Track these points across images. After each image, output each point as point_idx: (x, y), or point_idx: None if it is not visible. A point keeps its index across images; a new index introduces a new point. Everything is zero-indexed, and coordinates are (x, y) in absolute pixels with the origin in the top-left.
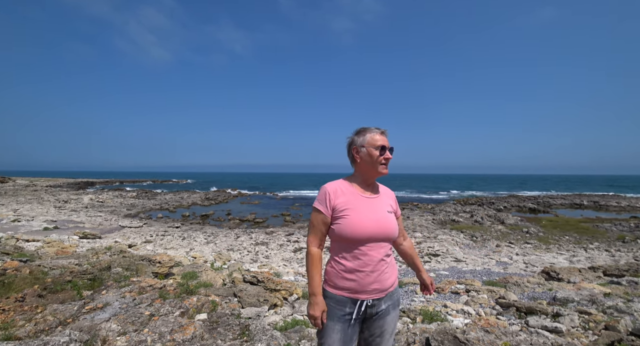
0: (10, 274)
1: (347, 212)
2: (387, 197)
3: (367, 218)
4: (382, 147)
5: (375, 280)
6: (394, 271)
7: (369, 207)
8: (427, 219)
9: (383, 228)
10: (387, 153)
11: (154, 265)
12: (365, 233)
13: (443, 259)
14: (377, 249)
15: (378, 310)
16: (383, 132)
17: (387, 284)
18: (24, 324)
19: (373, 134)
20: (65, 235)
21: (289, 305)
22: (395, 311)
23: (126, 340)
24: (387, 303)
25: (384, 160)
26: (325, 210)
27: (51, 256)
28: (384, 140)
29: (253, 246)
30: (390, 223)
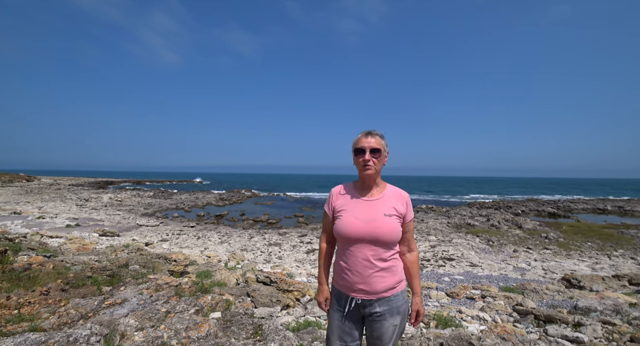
0: (35, 268)
1: (341, 213)
2: (392, 199)
3: (356, 219)
4: (356, 150)
5: (361, 281)
6: (390, 278)
7: (362, 209)
8: (442, 222)
9: (372, 230)
10: (363, 155)
11: (170, 263)
12: (352, 234)
13: (458, 263)
14: (365, 251)
15: (372, 311)
16: (368, 133)
17: (378, 288)
18: (48, 316)
19: (357, 138)
20: (86, 232)
21: (302, 306)
22: (394, 319)
23: (143, 335)
24: (383, 307)
25: (363, 163)
26: (328, 210)
27: (73, 252)
28: (364, 142)
29: (266, 246)
30: (384, 226)
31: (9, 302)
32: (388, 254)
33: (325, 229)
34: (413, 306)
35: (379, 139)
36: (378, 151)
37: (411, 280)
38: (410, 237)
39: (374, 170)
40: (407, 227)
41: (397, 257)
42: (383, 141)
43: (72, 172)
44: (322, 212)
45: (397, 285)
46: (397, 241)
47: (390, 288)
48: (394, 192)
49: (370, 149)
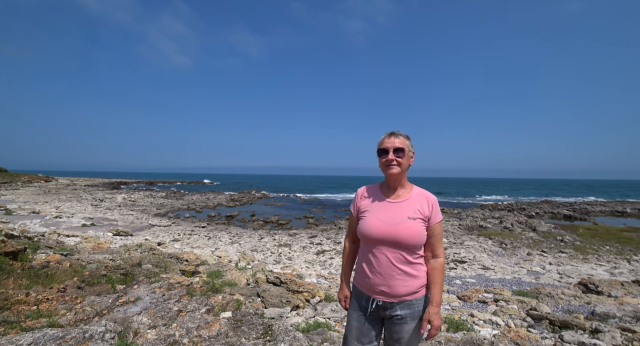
0: (53, 266)
1: (365, 214)
2: (417, 202)
3: (378, 220)
4: (380, 150)
5: (383, 283)
6: (413, 282)
7: (386, 211)
8: (454, 224)
9: (395, 233)
10: (387, 156)
11: (182, 263)
12: (374, 235)
13: (470, 266)
14: (387, 253)
15: (393, 313)
16: (392, 134)
17: (399, 291)
18: (65, 313)
19: (380, 139)
20: (101, 231)
21: (311, 307)
22: (415, 322)
23: (156, 333)
24: (405, 311)
25: (386, 162)
26: (353, 211)
27: (88, 251)
28: (388, 142)
29: (276, 247)
30: (406, 229)
31: (28, 298)
32: (411, 257)
33: (350, 229)
34: (426, 314)
35: (403, 139)
36: (402, 150)
37: (431, 288)
38: (435, 241)
39: (399, 170)
40: (432, 230)
41: (422, 261)
42: (407, 141)
43: (88, 173)
44: (333, 213)
45: (419, 289)
46: (420, 245)
47: (413, 293)
48: (420, 195)
49: (394, 149)
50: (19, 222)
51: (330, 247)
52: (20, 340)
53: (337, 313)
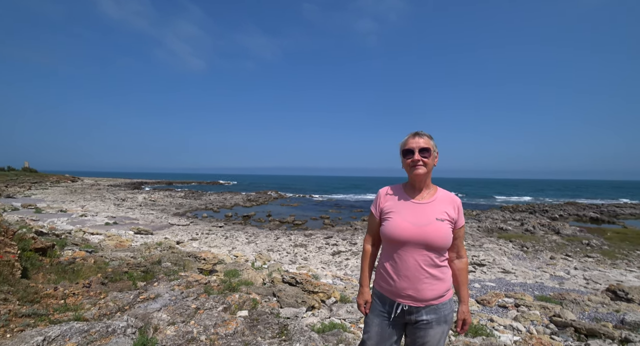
0: (78, 262)
1: (390, 215)
2: (443, 203)
3: (406, 221)
4: (404, 151)
5: (409, 286)
6: (441, 286)
7: (413, 211)
8: (472, 226)
9: (424, 234)
10: (412, 156)
11: (200, 262)
12: (401, 236)
13: (489, 269)
14: (414, 255)
15: (418, 318)
16: (416, 134)
17: (427, 295)
18: (90, 307)
19: (404, 140)
20: (123, 230)
21: (327, 308)
22: (441, 327)
23: (175, 329)
24: (431, 316)
25: (412, 163)
26: (375, 211)
27: (111, 248)
28: (412, 142)
29: (292, 247)
30: (435, 231)
31: (56, 293)
32: (439, 260)
33: (370, 230)
34: (460, 314)
35: (428, 139)
36: (427, 150)
37: (459, 288)
38: (460, 243)
39: (425, 170)
40: (457, 233)
41: (447, 263)
42: (432, 141)
43: (111, 173)
44: (348, 214)
45: (446, 293)
46: (447, 247)
47: (440, 296)
48: (445, 196)
49: (419, 149)
50: (48, 220)
51: (346, 248)
52: (49, 332)
53: (352, 314)
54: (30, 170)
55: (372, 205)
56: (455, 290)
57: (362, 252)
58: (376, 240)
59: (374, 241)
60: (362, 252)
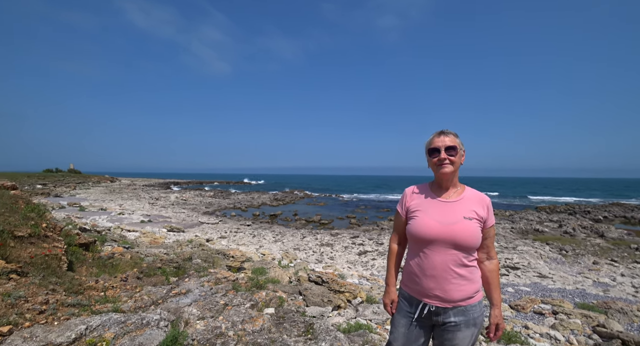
0: (117, 257)
1: (416, 213)
2: (471, 202)
3: (432, 220)
4: (430, 150)
5: (436, 286)
6: (468, 286)
7: (440, 210)
8: (505, 227)
9: (451, 233)
10: (438, 155)
11: (228, 259)
12: (427, 235)
13: (524, 273)
14: (441, 254)
15: (445, 320)
16: (442, 132)
17: (454, 296)
18: (126, 300)
19: (429, 139)
20: (156, 227)
21: (353, 308)
22: (470, 330)
23: (204, 324)
24: (459, 318)
25: (438, 162)
26: (401, 210)
27: (146, 245)
28: (438, 141)
29: (318, 247)
30: (463, 229)
31: (97, 285)
32: (467, 260)
33: (396, 230)
34: (492, 318)
35: (454, 137)
36: (454, 149)
37: (490, 290)
38: (490, 243)
39: (452, 168)
40: (487, 232)
41: (476, 264)
42: (458, 139)
43: (145, 174)
44: (375, 214)
45: (475, 294)
46: (477, 246)
47: (468, 298)
48: (474, 195)
49: (445, 147)
50: (90, 218)
51: (373, 248)
52: (90, 321)
53: (378, 315)
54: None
55: (398, 204)
56: (486, 292)
57: (388, 251)
58: (402, 240)
59: (400, 240)
60: (388, 251)
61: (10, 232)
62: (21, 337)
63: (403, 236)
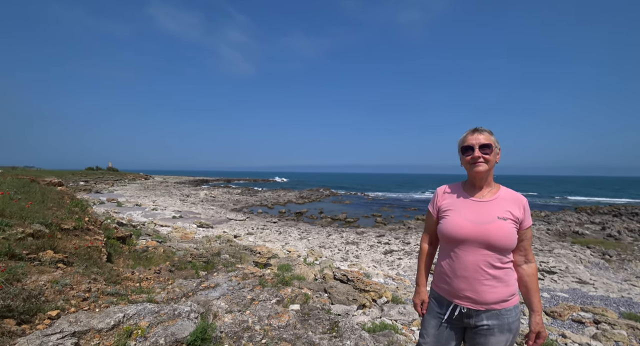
0: (151, 251)
1: (448, 213)
2: (507, 202)
3: (465, 219)
4: (463, 148)
5: (468, 287)
6: (502, 289)
7: (473, 209)
8: (540, 229)
9: (484, 233)
10: (472, 153)
11: (255, 255)
12: (458, 235)
13: (561, 278)
14: (473, 255)
15: (477, 323)
16: (475, 130)
17: (487, 298)
18: (159, 291)
19: (462, 137)
20: (187, 223)
21: (378, 308)
22: (505, 336)
23: (232, 317)
24: (492, 321)
25: (471, 160)
26: (433, 210)
27: (177, 239)
28: (472, 139)
29: (344, 245)
30: (497, 230)
31: (133, 276)
32: (501, 262)
33: (428, 229)
34: (533, 326)
35: (488, 135)
36: (488, 147)
37: (529, 296)
38: (527, 245)
39: (486, 167)
40: (524, 234)
41: (511, 266)
42: (493, 137)
43: (176, 171)
44: (401, 213)
45: (509, 297)
46: (511, 248)
47: (502, 301)
48: (509, 195)
49: (480, 145)
50: (126, 213)
51: (399, 247)
52: (127, 310)
53: (404, 316)
54: (112, 169)
55: (430, 203)
56: (524, 298)
57: (419, 250)
58: (433, 240)
59: (431, 240)
60: (419, 250)
61: (58, 225)
62: (67, 321)
63: (434, 236)
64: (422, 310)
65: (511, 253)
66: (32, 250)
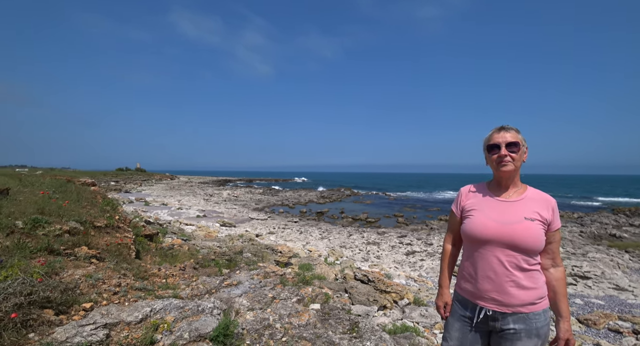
0: (176, 249)
1: (472, 213)
2: (534, 203)
3: (489, 219)
4: (489, 146)
5: (493, 289)
6: (530, 292)
7: (498, 209)
8: (572, 231)
9: (510, 233)
10: (498, 151)
11: (276, 254)
12: (483, 235)
13: (596, 284)
14: (498, 255)
15: (504, 327)
16: (502, 128)
17: (513, 300)
18: (184, 288)
19: (488, 135)
20: (210, 222)
21: (399, 309)
22: (532, 341)
23: (253, 315)
24: (519, 325)
25: (497, 159)
26: (456, 210)
27: (201, 238)
28: (498, 137)
29: (364, 245)
30: (524, 230)
31: (159, 272)
32: (528, 264)
33: (451, 230)
34: (562, 333)
35: (515, 133)
36: (515, 145)
37: (557, 301)
38: (555, 248)
39: (513, 166)
40: (552, 236)
41: (539, 269)
42: (520, 135)
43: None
44: (424, 213)
45: (537, 301)
46: (538, 250)
47: (529, 304)
48: (537, 196)
49: (506, 144)
50: (153, 212)
51: (421, 248)
52: (154, 304)
53: (427, 318)
54: (140, 170)
55: (453, 203)
56: (551, 303)
57: (442, 251)
58: (457, 240)
59: (455, 241)
60: (442, 251)
61: (92, 223)
62: (100, 314)
63: (458, 236)
64: (445, 313)
65: (539, 256)
66: (69, 245)
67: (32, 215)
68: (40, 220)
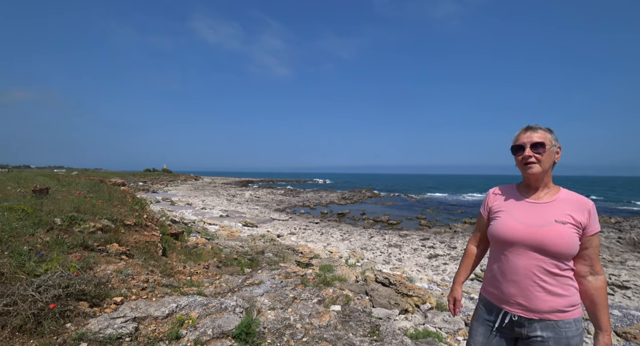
0: (200, 247)
1: (499, 214)
2: (567, 205)
3: (517, 221)
4: (514, 147)
5: (519, 293)
6: (560, 299)
7: (526, 211)
8: (609, 237)
9: (538, 236)
10: (522, 152)
11: (297, 255)
12: (509, 237)
13: (636, 294)
14: (525, 259)
15: (530, 333)
16: (528, 128)
17: (540, 306)
18: (208, 286)
19: (515, 135)
20: (233, 222)
21: (421, 314)
22: None
23: (274, 314)
24: (547, 333)
25: (523, 160)
26: (484, 211)
27: (224, 237)
28: (524, 137)
29: (386, 247)
30: (553, 233)
31: (184, 270)
32: (558, 269)
33: (477, 230)
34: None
35: (543, 132)
36: (541, 145)
37: (596, 312)
38: (593, 254)
39: (539, 168)
40: (589, 241)
41: (571, 275)
42: (549, 135)
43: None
44: (447, 216)
45: (568, 309)
46: (570, 254)
47: (558, 311)
48: (571, 198)
49: (531, 144)
50: (179, 211)
51: (444, 252)
52: (180, 301)
53: (450, 324)
54: (167, 170)
55: (482, 205)
56: (589, 314)
57: (465, 250)
58: (482, 242)
59: (480, 242)
60: (465, 250)
61: (122, 221)
62: (129, 308)
63: (484, 238)
64: (454, 309)
65: (571, 261)
66: (101, 242)
67: (69, 213)
68: (76, 218)
